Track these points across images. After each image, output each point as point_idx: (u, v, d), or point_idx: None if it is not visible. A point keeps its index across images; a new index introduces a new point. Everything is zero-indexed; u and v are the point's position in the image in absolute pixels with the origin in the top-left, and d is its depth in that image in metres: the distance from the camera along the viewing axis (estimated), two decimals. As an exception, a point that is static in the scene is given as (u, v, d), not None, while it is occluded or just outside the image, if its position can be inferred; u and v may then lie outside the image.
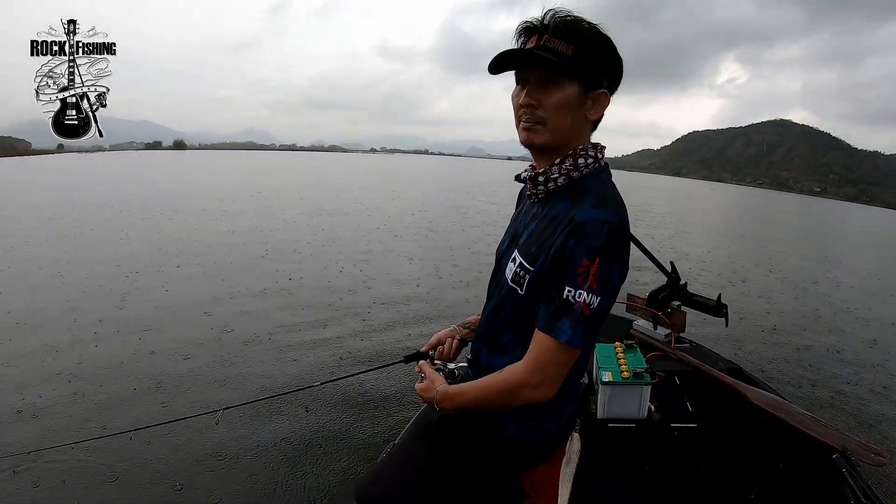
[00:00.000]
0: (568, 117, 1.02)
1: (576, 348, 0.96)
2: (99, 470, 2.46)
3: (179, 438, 2.71)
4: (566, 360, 0.98)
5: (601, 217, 0.94)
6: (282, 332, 4.39)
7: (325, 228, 10.34)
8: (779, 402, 2.08)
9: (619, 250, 0.95)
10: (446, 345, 1.35)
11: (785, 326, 5.78)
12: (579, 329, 0.94)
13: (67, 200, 13.30)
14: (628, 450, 1.93)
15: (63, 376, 3.38)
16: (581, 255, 0.93)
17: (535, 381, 0.98)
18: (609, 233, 0.93)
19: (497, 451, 1.13)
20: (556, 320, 0.96)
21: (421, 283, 6.46)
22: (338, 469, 2.60)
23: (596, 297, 0.93)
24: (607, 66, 1.02)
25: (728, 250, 11.85)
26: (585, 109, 1.03)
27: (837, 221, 34.39)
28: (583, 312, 0.93)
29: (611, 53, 1.02)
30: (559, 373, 0.99)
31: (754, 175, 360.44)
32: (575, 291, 0.93)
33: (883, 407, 3.80)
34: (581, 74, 0.99)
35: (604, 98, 1.03)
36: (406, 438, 1.47)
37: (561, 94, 1.00)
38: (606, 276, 0.93)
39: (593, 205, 0.97)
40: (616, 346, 2.13)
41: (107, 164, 37.84)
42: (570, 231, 0.95)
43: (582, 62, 0.99)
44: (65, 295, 5.15)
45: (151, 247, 7.63)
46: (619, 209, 0.98)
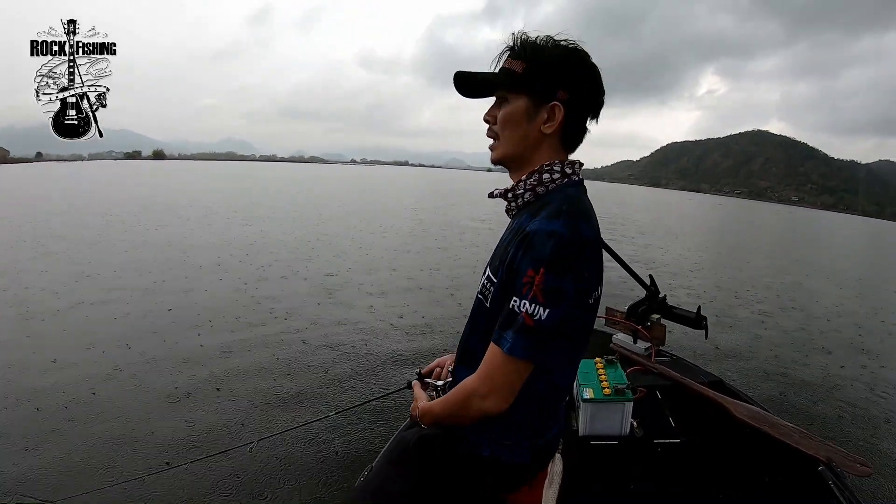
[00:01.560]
0: (517, 131, 1.04)
1: (519, 359, 0.94)
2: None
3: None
4: (512, 370, 0.96)
5: (549, 228, 0.93)
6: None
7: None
8: (762, 415, 2.07)
9: (568, 262, 0.92)
10: (444, 367, 1.36)
11: (767, 337, 5.82)
12: (520, 339, 0.93)
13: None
14: (611, 467, 1.89)
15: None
16: (526, 265, 0.92)
17: (483, 390, 0.97)
18: (556, 244, 0.91)
19: (475, 472, 1.10)
20: (502, 330, 0.96)
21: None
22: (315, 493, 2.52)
23: (542, 309, 0.91)
24: (563, 80, 1.01)
25: (707, 260, 12.00)
26: (538, 122, 1.03)
27: (821, 230, 35.06)
28: (524, 323, 0.92)
29: (569, 67, 1.02)
30: (507, 383, 0.96)
31: (733, 185, 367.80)
32: (519, 302, 0.93)
33: (867, 416, 3.82)
34: (528, 88, 1.02)
35: (557, 110, 1.02)
36: (382, 462, 1.44)
37: (508, 108, 1.04)
38: (554, 288, 0.91)
39: (545, 216, 0.96)
40: (596, 361, 2.11)
41: (102, 173, 37.13)
42: (519, 242, 0.96)
43: (530, 77, 1.01)
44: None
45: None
46: (575, 221, 0.95)
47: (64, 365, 3.86)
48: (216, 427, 3.07)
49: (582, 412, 1.95)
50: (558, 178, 1.03)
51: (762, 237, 22.54)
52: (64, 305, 5.37)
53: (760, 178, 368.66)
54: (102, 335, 4.52)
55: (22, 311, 5.11)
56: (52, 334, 4.54)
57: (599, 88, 1.04)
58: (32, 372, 3.73)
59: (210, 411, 3.26)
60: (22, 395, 3.38)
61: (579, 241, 0.94)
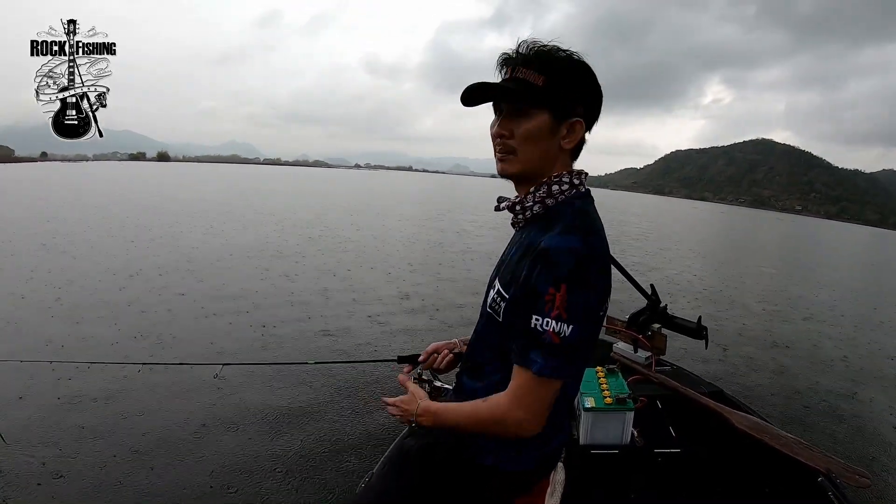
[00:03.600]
0: (538, 147, 1.01)
1: (549, 379, 0.94)
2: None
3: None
4: (544, 391, 0.95)
5: (566, 244, 0.92)
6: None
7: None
8: (762, 425, 2.07)
9: (587, 278, 0.92)
10: (441, 355, 1.32)
11: (768, 347, 5.79)
12: (550, 360, 0.92)
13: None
14: (612, 477, 1.90)
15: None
16: (547, 283, 0.91)
17: (520, 416, 0.96)
18: (574, 260, 0.91)
19: (477, 480, 1.09)
20: (527, 351, 0.94)
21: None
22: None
23: (566, 326, 0.90)
24: (581, 95, 1.01)
25: (710, 270, 11.95)
26: (559, 138, 1.01)
27: (824, 240, 34.87)
28: (552, 342, 0.91)
29: (585, 82, 1.01)
30: (541, 405, 0.96)
31: (736, 193, 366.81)
32: (542, 320, 0.91)
33: (866, 427, 3.80)
34: (551, 104, 0.99)
35: (578, 126, 1.01)
36: (383, 470, 1.43)
37: (530, 124, 1.00)
38: (575, 304, 0.90)
39: (560, 231, 0.95)
40: (598, 370, 2.12)
41: (115, 174, 37.60)
42: (535, 258, 0.94)
43: (552, 92, 0.98)
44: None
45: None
46: (589, 236, 0.95)
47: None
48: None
49: (583, 421, 1.96)
50: (567, 189, 1.02)
51: (765, 246, 22.43)
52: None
53: (764, 186, 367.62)
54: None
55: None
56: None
57: (601, 100, 1.04)
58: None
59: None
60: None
61: (594, 256, 0.94)
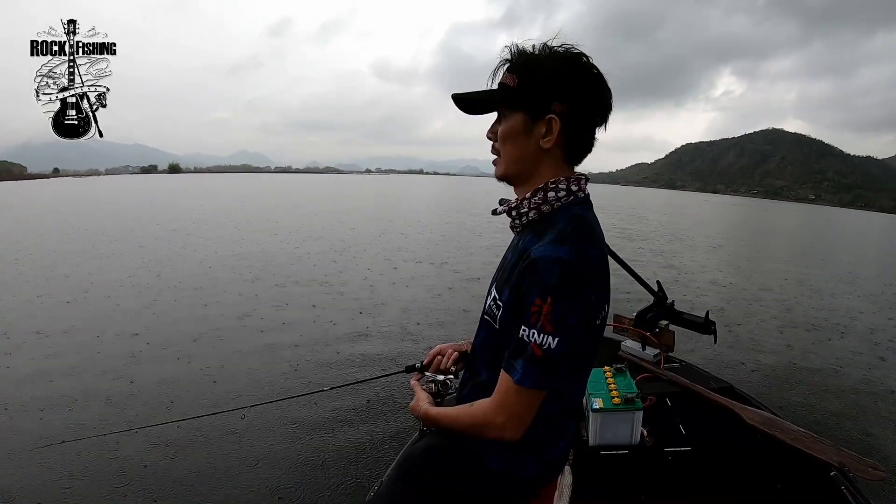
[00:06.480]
0: (515, 147, 1.02)
1: (528, 389, 0.94)
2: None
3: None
4: (525, 400, 0.95)
5: (554, 255, 0.90)
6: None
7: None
8: (773, 420, 2.05)
9: (574, 290, 0.90)
10: (446, 356, 1.34)
11: (777, 340, 5.70)
12: (530, 370, 0.92)
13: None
14: (622, 477, 1.89)
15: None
16: (534, 293, 0.91)
17: (499, 421, 0.97)
18: (561, 272, 0.89)
19: (483, 485, 1.10)
20: (512, 359, 0.95)
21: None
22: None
23: (552, 339, 0.90)
24: (558, 91, 0.97)
25: (718, 262, 11.81)
26: (536, 137, 1.00)
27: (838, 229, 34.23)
28: (534, 353, 0.91)
29: (564, 76, 0.97)
30: (521, 413, 0.96)
31: (749, 185, 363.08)
32: (528, 331, 0.91)
33: (879, 419, 3.73)
34: (524, 104, 0.99)
35: (554, 124, 0.98)
36: (391, 480, 1.44)
37: (507, 125, 1.02)
38: (561, 316, 0.90)
39: (551, 240, 0.93)
40: (605, 370, 2.10)
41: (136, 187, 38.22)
42: (524, 268, 0.94)
43: (524, 91, 0.99)
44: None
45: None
46: (581, 246, 0.93)
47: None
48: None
49: (591, 422, 1.95)
50: (564, 195, 1.00)
51: (778, 237, 22.13)
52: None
53: (776, 177, 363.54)
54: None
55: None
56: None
57: (603, 94, 0.99)
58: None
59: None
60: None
61: (585, 266, 0.92)
